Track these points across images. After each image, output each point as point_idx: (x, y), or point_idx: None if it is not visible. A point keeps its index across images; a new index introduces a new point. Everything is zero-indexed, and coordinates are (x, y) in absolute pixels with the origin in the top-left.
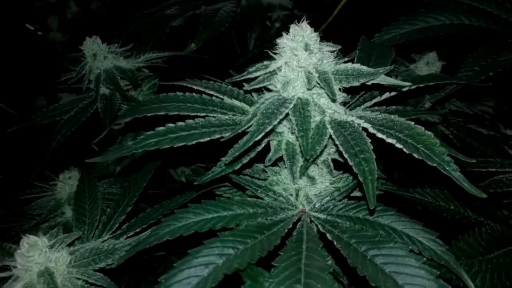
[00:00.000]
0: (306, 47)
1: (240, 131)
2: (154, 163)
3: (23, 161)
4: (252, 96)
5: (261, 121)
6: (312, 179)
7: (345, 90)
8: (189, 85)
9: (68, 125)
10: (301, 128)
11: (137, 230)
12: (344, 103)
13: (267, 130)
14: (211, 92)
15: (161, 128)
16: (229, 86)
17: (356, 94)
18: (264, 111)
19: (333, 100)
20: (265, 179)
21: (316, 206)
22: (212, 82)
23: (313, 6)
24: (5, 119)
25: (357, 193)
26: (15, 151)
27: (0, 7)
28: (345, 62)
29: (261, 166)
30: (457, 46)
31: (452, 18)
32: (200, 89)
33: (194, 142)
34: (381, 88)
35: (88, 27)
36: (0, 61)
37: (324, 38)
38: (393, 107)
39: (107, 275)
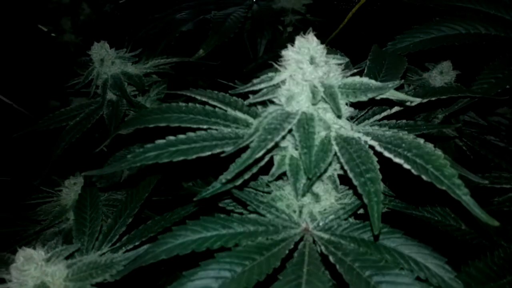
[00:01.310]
0: (312, 60)
1: (241, 146)
2: (156, 176)
3: (32, 164)
4: (257, 108)
5: (262, 137)
6: (316, 196)
7: (353, 104)
8: (193, 95)
9: (73, 131)
10: (304, 145)
11: (136, 244)
12: (351, 117)
13: (269, 147)
14: (214, 103)
15: (161, 140)
16: (234, 97)
17: (365, 107)
18: (267, 126)
19: (339, 116)
20: (269, 193)
21: (320, 224)
22: (216, 92)
23: (326, 10)
24: (20, 120)
25: (363, 211)
26: (25, 154)
27: (15, 8)
28: (354, 73)
29: (266, 179)
30: (473, 55)
31: (468, 27)
32: (203, 99)
33: (194, 156)
34: (391, 102)
35: (101, 29)
36: (15, 62)
37: (336, 44)
38: (404, 121)
39: None
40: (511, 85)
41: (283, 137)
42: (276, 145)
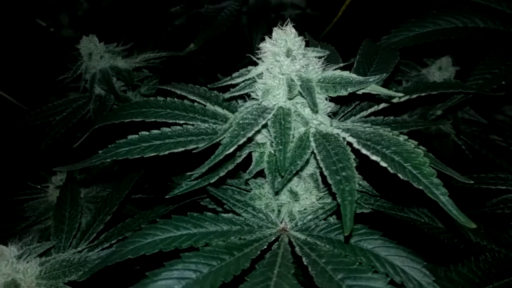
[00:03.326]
0: (288, 53)
1: (214, 142)
2: (138, 172)
3: (21, 160)
4: (238, 103)
5: (235, 132)
6: (295, 195)
7: (338, 99)
8: (173, 89)
9: (58, 126)
10: (279, 141)
11: (113, 242)
12: (335, 113)
13: (240, 142)
14: (194, 98)
15: (134, 136)
16: (215, 92)
17: (352, 103)
18: (241, 121)
19: (315, 111)
20: (249, 191)
21: (298, 224)
22: (197, 86)
23: (326, 4)
24: (20, 116)
25: None
26: (16, 149)
27: (13, 2)
28: (341, 68)
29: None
30: (474, 50)
31: (465, 21)
32: (183, 93)
33: (166, 152)
34: (380, 98)
35: (100, 24)
36: (15, 58)
37: (335, 38)
38: (391, 117)
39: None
40: (508, 81)
41: (257, 133)
42: (250, 141)
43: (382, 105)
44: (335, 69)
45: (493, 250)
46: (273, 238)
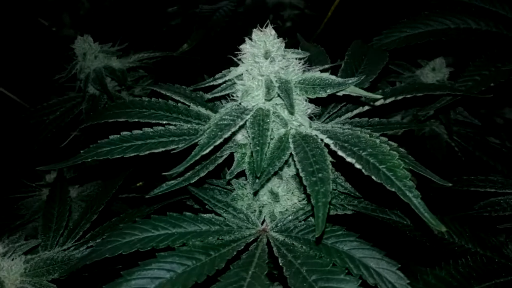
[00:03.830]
0: (267, 54)
1: (192, 142)
2: (125, 172)
3: (19, 158)
4: (221, 103)
5: (213, 133)
6: (275, 196)
7: (325, 100)
8: (158, 89)
9: (50, 126)
10: (256, 142)
11: (98, 241)
12: (320, 115)
13: (217, 143)
14: (178, 98)
15: (115, 136)
16: (200, 92)
17: (338, 104)
18: (219, 122)
19: (291, 112)
20: (233, 191)
21: (278, 225)
22: (184, 87)
23: (325, 5)
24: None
25: None
26: (15, 147)
27: (16, 2)
28: (326, 69)
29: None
30: (468, 51)
31: (457, 22)
32: (167, 94)
33: (146, 152)
34: (358, 99)
35: (101, 24)
36: (18, 56)
37: (328, 40)
38: (376, 119)
39: (73, 285)
40: (497, 83)
41: (237, 133)
42: (231, 141)
43: (367, 107)
44: (319, 70)
45: (477, 253)
46: (252, 239)
